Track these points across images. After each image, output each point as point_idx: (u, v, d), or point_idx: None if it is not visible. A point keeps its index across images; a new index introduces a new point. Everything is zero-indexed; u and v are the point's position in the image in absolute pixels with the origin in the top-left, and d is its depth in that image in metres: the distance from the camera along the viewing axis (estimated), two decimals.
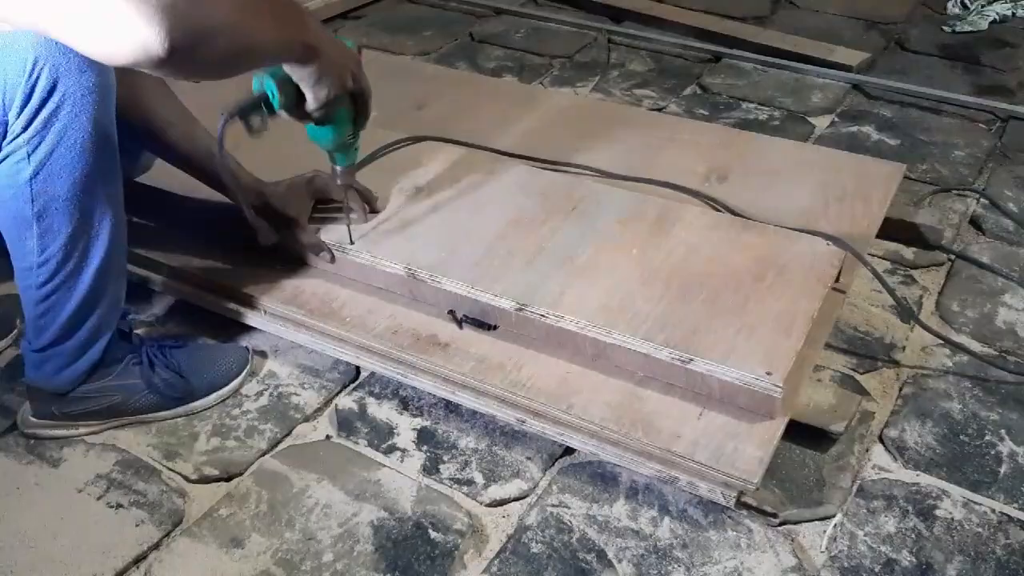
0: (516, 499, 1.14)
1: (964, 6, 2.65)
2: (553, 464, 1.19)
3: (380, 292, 1.31)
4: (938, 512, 1.13)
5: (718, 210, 1.46)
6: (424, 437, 1.23)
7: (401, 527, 1.10)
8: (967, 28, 2.53)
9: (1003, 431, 1.24)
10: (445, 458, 1.20)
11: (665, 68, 2.32)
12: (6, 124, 0.97)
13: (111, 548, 1.07)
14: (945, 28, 2.54)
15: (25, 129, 0.97)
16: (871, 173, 1.56)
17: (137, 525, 1.10)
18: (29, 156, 0.98)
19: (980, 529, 1.11)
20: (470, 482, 1.16)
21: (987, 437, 1.24)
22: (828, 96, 2.16)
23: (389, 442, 1.22)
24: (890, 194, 1.51)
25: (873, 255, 1.54)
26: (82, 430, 1.21)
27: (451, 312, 1.26)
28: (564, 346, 1.20)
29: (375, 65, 1.97)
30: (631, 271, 1.24)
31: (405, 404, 1.28)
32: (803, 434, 1.19)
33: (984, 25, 2.54)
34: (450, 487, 1.16)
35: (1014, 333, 1.42)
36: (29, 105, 0.96)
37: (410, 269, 1.25)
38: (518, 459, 1.19)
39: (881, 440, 1.23)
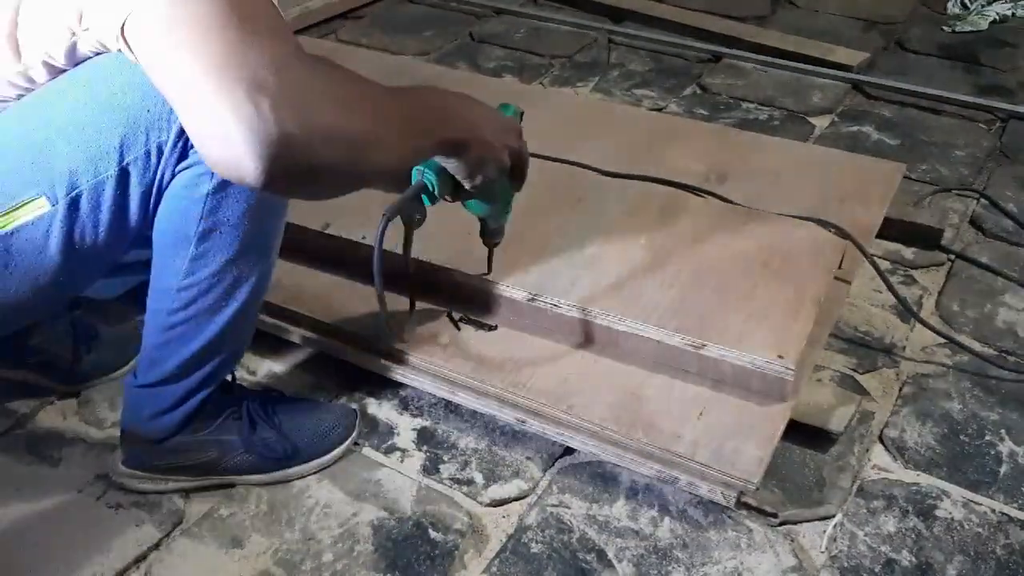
0: (516, 499, 1.14)
1: (964, 6, 2.64)
2: (553, 464, 1.19)
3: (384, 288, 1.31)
4: (938, 512, 1.13)
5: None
6: (424, 437, 1.23)
7: (401, 527, 1.10)
8: (967, 28, 2.53)
9: (1003, 431, 1.24)
10: (445, 458, 1.20)
11: (665, 68, 2.32)
12: None
13: (111, 548, 1.07)
14: (945, 28, 2.54)
15: None
16: (871, 173, 1.56)
17: (137, 525, 1.10)
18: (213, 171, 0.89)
19: (980, 529, 1.11)
20: (470, 482, 1.16)
21: (987, 437, 1.24)
22: (828, 96, 2.16)
23: (389, 442, 1.22)
24: (890, 194, 1.51)
25: (873, 255, 1.54)
26: (171, 485, 1.13)
27: (449, 314, 1.27)
28: (574, 336, 1.21)
29: (375, 65, 1.97)
30: (640, 261, 1.26)
31: (405, 404, 1.28)
32: (803, 434, 1.19)
33: (984, 25, 2.54)
34: (450, 487, 1.16)
35: (1014, 333, 1.42)
36: None
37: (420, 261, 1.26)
38: (518, 459, 1.19)
39: (881, 440, 1.23)
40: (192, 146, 0.90)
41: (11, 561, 1.05)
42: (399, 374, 1.24)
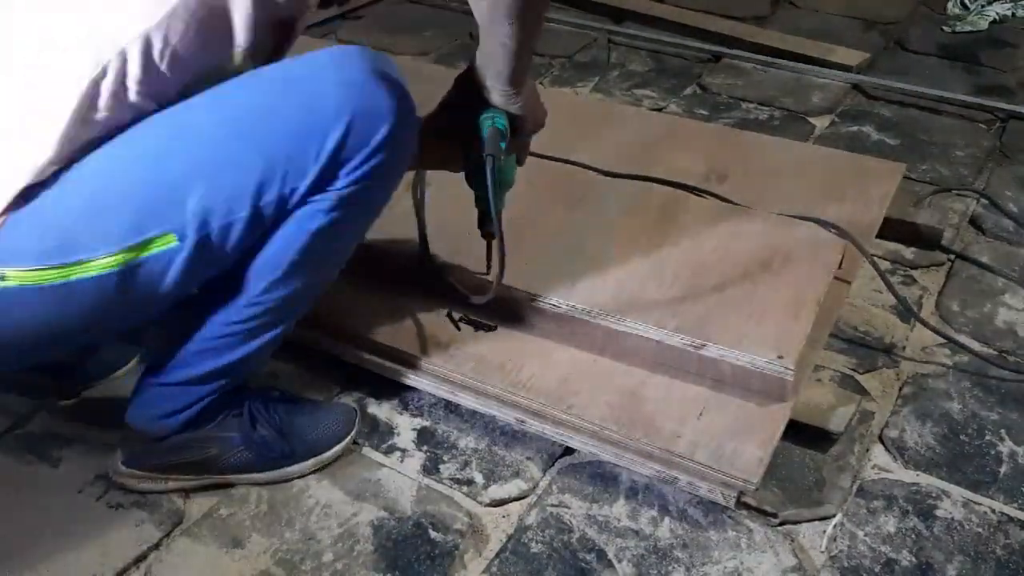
0: (516, 499, 1.14)
1: (964, 6, 2.65)
2: (553, 464, 1.19)
3: (382, 287, 1.31)
4: (938, 512, 1.13)
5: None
6: (424, 437, 1.23)
7: (401, 527, 1.10)
8: (967, 28, 2.53)
9: (1003, 431, 1.24)
10: (445, 458, 1.20)
11: (665, 68, 2.32)
12: (336, 176, 0.93)
13: (111, 548, 1.07)
14: (945, 28, 2.54)
15: (347, 187, 0.93)
16: (871, 173, 1.56)
17: (137, 525, 1.10)
18: (330, 210, 0.94)
19: (980, 529, 1.11)
20: (470, 482, 1.17)
21: (987, 437, 1.24)
22: (828, 96, 2.16)
23: (389, 442, 1.22)
24: (890, 194, 1.51)
25: (873, 255, 1.54)
26: (171, 484, 1.13)
27: (449, 314, 1.27)
28: (574, 336, 1.21)
29: None
30: (640, 261, 1.26)
31: (405, 404, 1.28)
32: (803, 434, 1.19)
33: (984, 25, 2.54)
34: (450, 487, 1.16)
35: (1014, 333, 1.42)
36: (364, 165, 0.93)
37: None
38: (518, 459, 1.19)
39: (881, 440, 1.23)
40: (328, 185, 0.93)
41: (11, 561, 1.05)
42: (399, 374, 1.24)
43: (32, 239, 0.88)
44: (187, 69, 0.90)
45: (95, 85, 0.87)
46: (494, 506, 1.14)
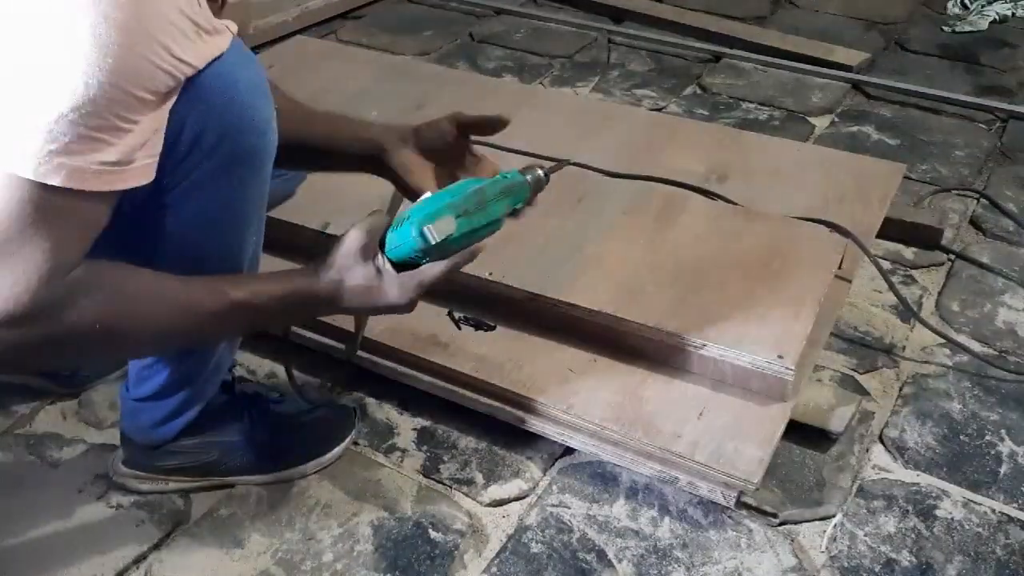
0: (516, 499, 1.14)
1: (964, 6, 2.65)
2: (553, 464, 1.19)
3: None
4: (938, 512, 1.13)
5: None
6: (424, 437, 1.23)
7: (401, 527, 1.10)
8: (967, 28, 2.53)
9: (1003, 431, 1.24)
10: (445, 458, 1.20)
11: (665, 68, 2.32)
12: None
13: (111, 548, 1.07)
14: (945, 28, 2.54)
15: None
16: (871, 173, 1.56)
17: (137, 525, 1.10)
18: None
19: (980, 529, 1.11)
20: (470, 482, 1.17)
21: (987, 437, 1.24)
22: (828, 96, 2.16)
23: (389, 442, 1.22)
24: (890, 194, 1.51)
25: (874, 255, 1.55)
26: (172, 485, 1.13)
27: (449, 313, 1.27)
28: (574, 336, 1.21)
29: (375, 65, 1.97)
30: (640, 260, 1.26)
31: (405, 404, 1.28)
32: (803, 434, 1.19)
33: (984, 25, 2.54)
34: (450, 487, 1.16)
35: (1014, 333, 1.42)
36: None
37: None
38: (518, 459, 1.19)
39: (881, 440, 1.23)
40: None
41: (12, 561, 1.05)
42: (399, 374, 1.24)
43: None
44: None
45: None
46: (494, 506, 1.14)
